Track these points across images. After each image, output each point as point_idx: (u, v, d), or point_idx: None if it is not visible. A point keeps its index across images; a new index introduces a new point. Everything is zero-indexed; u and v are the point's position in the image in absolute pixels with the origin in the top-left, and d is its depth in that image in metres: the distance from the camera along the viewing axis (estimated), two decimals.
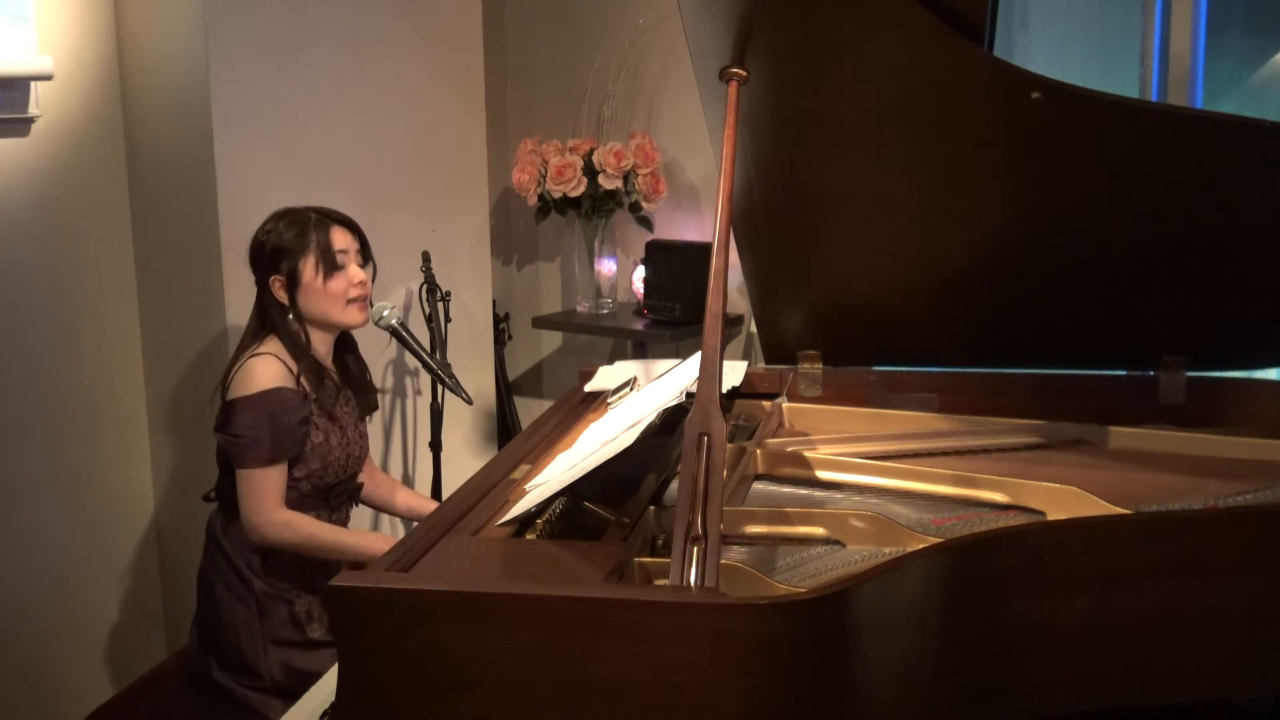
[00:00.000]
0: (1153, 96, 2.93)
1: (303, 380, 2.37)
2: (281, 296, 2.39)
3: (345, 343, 2.53)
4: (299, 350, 2.39)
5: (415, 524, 1.82)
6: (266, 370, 2.33)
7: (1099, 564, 1.54)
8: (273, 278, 2.39)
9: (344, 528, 2.47)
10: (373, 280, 2.51)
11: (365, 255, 2.48)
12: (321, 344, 2.45)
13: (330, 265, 2.39)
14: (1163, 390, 2.13)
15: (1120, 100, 1.78)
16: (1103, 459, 1.99)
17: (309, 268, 2.38)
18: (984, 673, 1.50)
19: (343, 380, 2.51)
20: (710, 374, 1.50)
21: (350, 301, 2.42)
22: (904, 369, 2.26)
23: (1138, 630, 1.55)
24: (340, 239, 2.42)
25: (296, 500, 2.39)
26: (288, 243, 2.38)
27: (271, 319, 2.40)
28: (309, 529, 2.37)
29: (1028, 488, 1.77)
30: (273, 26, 2.83)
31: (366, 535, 2.44)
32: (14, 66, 2.72)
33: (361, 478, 2.57)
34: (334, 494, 2.46)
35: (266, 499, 2.33)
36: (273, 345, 2.38)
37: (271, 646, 2.33)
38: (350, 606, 1.35)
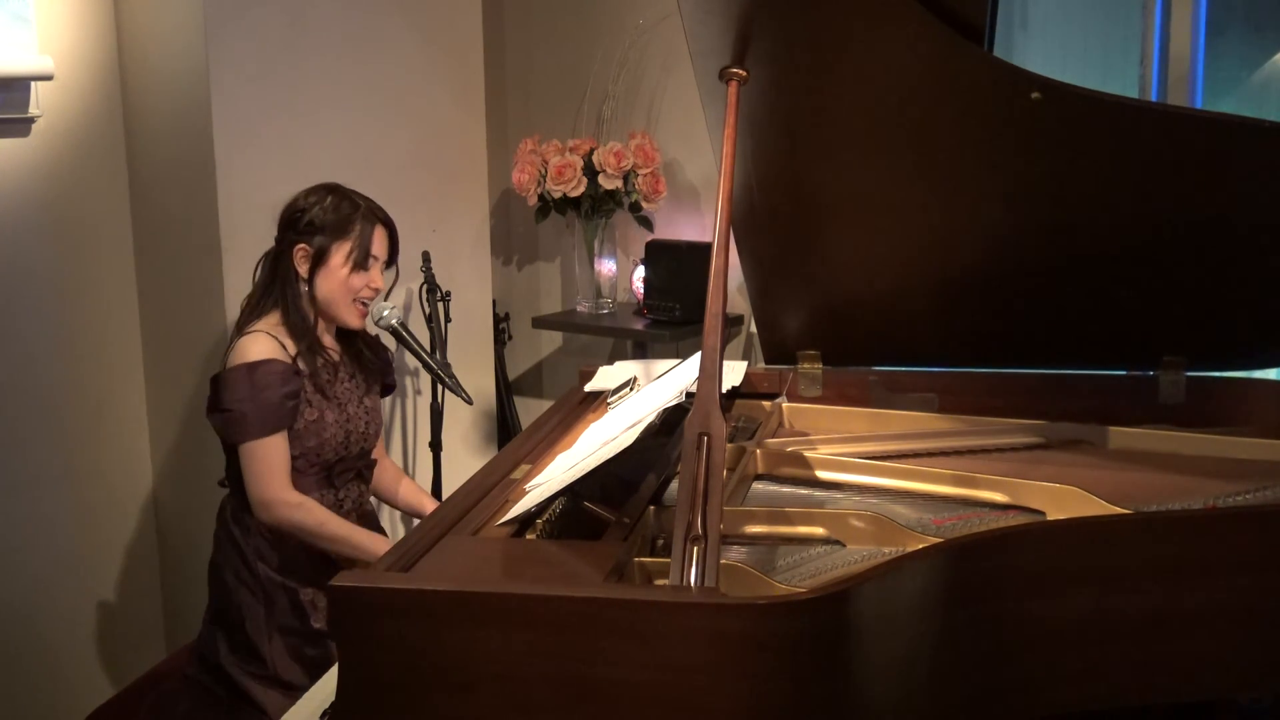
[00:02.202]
0: (1153, 96, 2.93)
1: (297, 358, 2.37)
2: (301, 267, 2.40)
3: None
4: (302, 325, 2.39)
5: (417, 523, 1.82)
6: (256, 345, 2.34)
7: (1099, 564, 1.54)
8: (299, 245, 2.39)
9: (354, 524, 2.46)
10: (392, 287, 2.53)
11: (389, 263, 2.49)
12: (318, 325, 2.46)
13: (361, 263, 2.41)
14: (1163, 390, 2.13)
15: (1120, 100, 1.79)
16: (1103, 459, 1.99)
17: (341, 254, 2.39)
18: (984, 672, 1.51)
19: (349, 357, 2.51)
20: (710, 374, 1.50)
21: (357, 300, 2.44)
22: (904, 369, 2.26)
23: (1138, 630, 1.55)
24: (379, 244, 2.44)
25: (297, 480, 2.38)
26: (331, 221, 2.39)
27: (282, 284, 2.40)
28: (321, 515, 2.37)
29: (1028, 488, 1.77)
30: (273, 27, 2.83)
31: (375, 537, 2.44)
32: (14, 66, 2.72)
33: (374, 457, 2.57)
34: (336, 472, 2.46)
35: (274, 475, 2.33)
36: (266, 322, 2.39)
37: (277, 634, 2.34)
38: (350, 606, 1.35)
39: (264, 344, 2.35)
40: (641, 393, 2.01)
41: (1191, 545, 1.56)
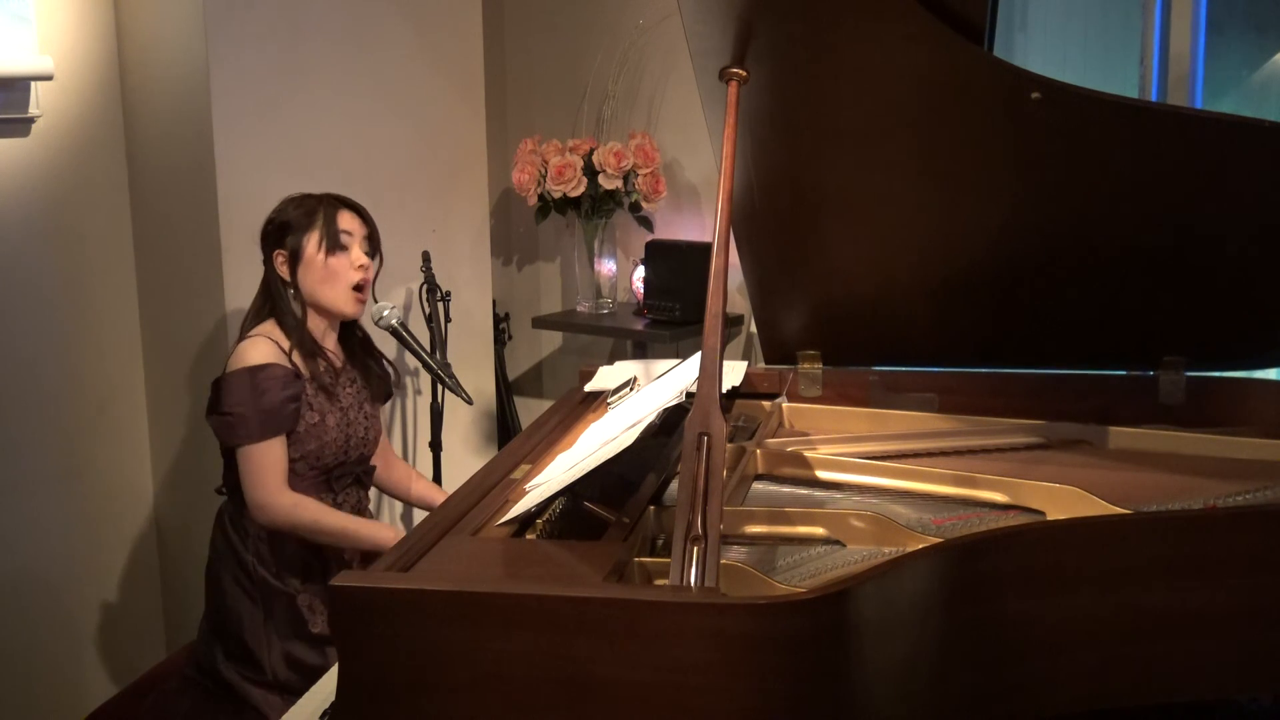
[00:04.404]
0: (1153, 96, 2.93)
1: (294, 358, 2.38)
2: (284, 272, 2.42)
3: (351, 328, 2.54)
4: (294, 325, 2.40)
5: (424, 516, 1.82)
6: (256, 349, 2.35)
7: (1099, 564, 1.54)
8: (277, 252, 2.42)
9: (352, 515, 2.46)
10: (377, 275, 2.52)
11: (373, 245, 2.49)
12: (318, 325, 2.46)
13: (333, 243, 2.41)
14: (1163, 390, 2.13)
15: (1120, 100, 1.78)
16: (1103, 459, 1.99)
17: (312, 243, 2.41)
18: (984, 672, 1.50)
19: (350, 363, 2.52)
20: (710, 374, 1.50)
21: (348, 287, 2.42)
22: (904, 369, 2.26)
23: (1138, 630, 1.55)
24: (347, 220, 2.45)
25: (294, 483, 2.38)
26: (295, 219, 2.42)
27: (272, 295, 2.42)
28: (316, 513, 2.37)
29: (1028, 488, 1.77)
30: (273, 27, 2.83)
31: (374, 524, 2.45)
32: (14, 66, 2.72)
33: (375, 460, 2.57)
34: (335, 476, 2.46)
35: (270, 478, 2.33)
36: (267, 327, 2.40)
37: (275, 639, 2.34)
38: (350, 606, 1.35)
39: (264, 348, 2.35)
40: (641, 393, 2.01)
41: (1191, 545, 1.56)
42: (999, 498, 1.79)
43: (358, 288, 2.44)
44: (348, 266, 2.43)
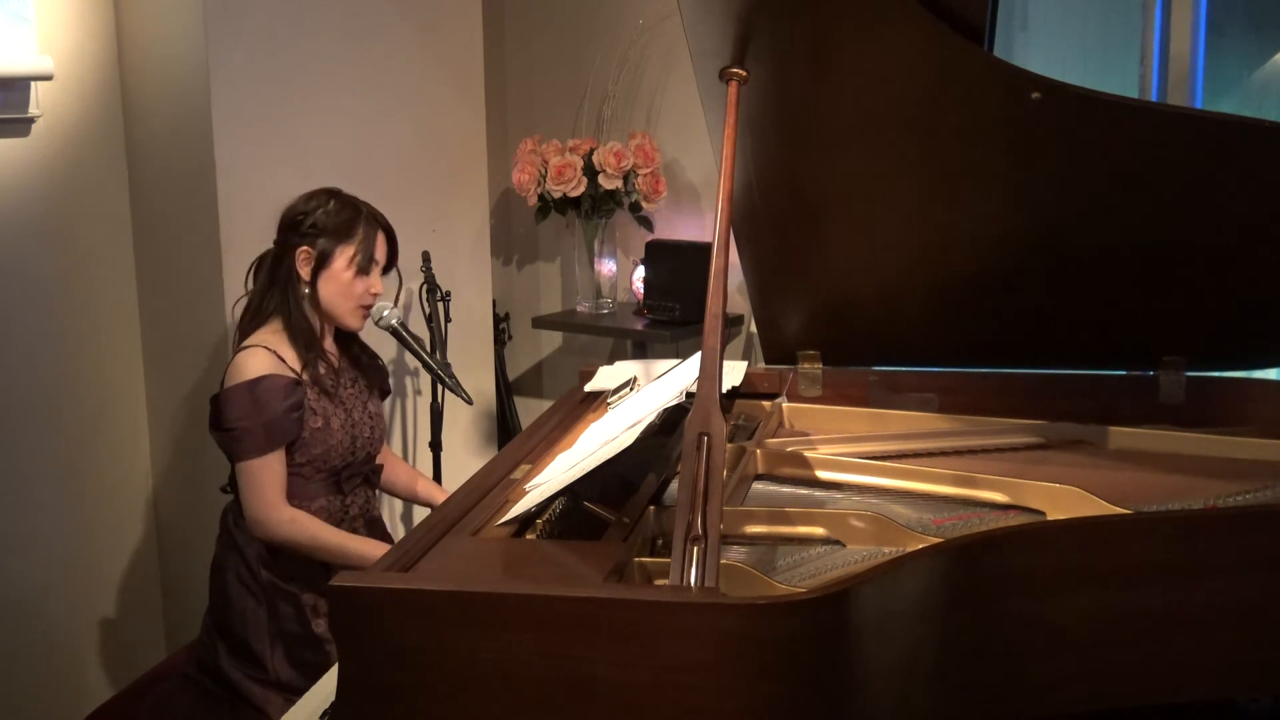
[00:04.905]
0: (1153, 96, 2.93)
1: (294, 365, 2.37)
2: (304, 270, 2.41)
3: (345, 332, 2.55)
4: (302, 325, 2.40)
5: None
6: (254, 361, 2.34)
7: (1099, 564, 1.54)
8: (302, 248, 2.40)
9: (350, 532, 2.46)
10: (399, 292, 2.57)
11: (387, 269, 2.51)
12: (319, 325, 2.46)
13: (364, 267, 2.42)
14: (1163, 390, 2.13)
15: (1120, 100, 1.79)
16: (1103, 459, 1.99)
17: (344, 257, 2.41)
18: (984, 673, 1.51)
19: (349, 362, 2.52)
20: (710, 374, 1.50)
21: (358, 305, 2.45)
22: (904, 369, 2.26)
23: (1138, 630, 1.55)
24: (381, 249, 2.46)
25: (303, 486, 2.39)
26: (335, 224, 2.40)
27: (283, 287, 2.41)
28: (313, 529, 2.37)
29: (1028, 488, 1.77)
30: (273, 27, 2.83)
31: (371, 543, 2.44)
32: (14, 66, 2.72)
33: (380, 459, 2.57)
34: (344, 477, 2.46)
35: (268, 492, 2.33)
36: (262, 335, 2.39)
37: (277, 639, 2.34)
38: (350, 606, 1.35)
39: (261, 359, 2.35)
40: (641, 393, 2.01)
41: (1191, 545, 1.56)
42: (999, 498, 1.79)
43: (365, 306, 2.47)
44: (365, 290, 2.44)
